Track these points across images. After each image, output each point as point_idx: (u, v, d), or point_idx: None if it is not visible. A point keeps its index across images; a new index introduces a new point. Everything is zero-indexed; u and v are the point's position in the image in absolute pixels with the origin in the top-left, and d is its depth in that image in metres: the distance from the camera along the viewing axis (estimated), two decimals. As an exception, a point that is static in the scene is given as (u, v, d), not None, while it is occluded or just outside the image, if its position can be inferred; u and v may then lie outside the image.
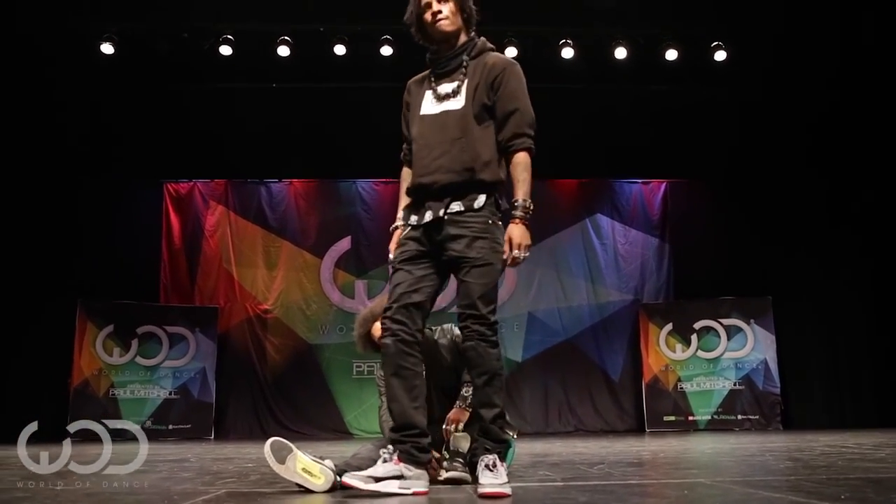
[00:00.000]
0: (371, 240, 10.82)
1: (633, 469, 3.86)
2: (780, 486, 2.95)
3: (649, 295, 10.81)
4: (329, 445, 7.36)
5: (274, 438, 2.98)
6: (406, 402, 2.84)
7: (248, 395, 10.29)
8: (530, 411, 10.39)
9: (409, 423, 2.84)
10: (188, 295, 10.56)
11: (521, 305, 10.73)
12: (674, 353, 10.25)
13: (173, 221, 10.72)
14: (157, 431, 9.65)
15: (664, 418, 10.04)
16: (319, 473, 2.89)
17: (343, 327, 10.57)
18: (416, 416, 2.85)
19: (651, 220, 11.02)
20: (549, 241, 10.87)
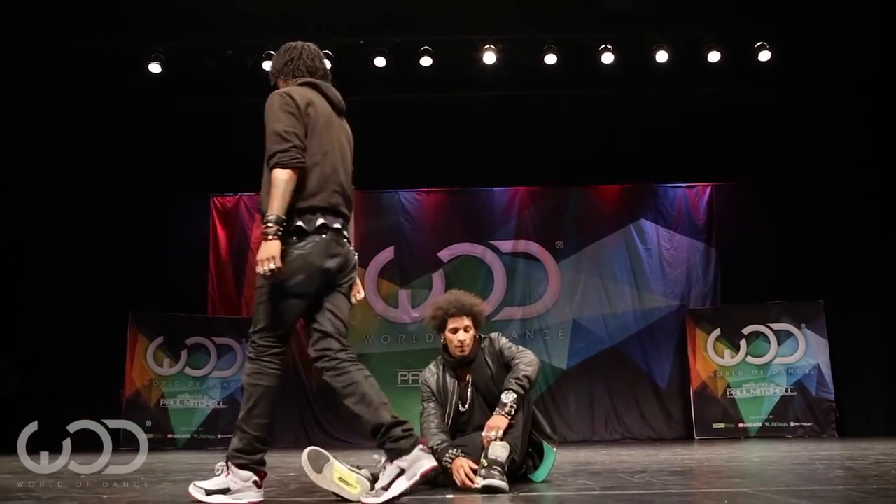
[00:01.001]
0: (414, 249, 10.85)
1: (675, 478, 3.79)
2: (827, 496, 2.87)
3: (696, 300, 10.64)
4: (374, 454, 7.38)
5: (311, 448, 3.01)
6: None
7: (294, 405, 10.38)
8: (576, 420, 10.30)
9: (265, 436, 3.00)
10: (235, 306, 10.71)
11: (566, 313, 10.66)
12: (722, 358, 10.07)
13: (220, 234, 10.89)
14: (207, 441, 9.81)
15: (713, 426, 9.86)
16: (356, 483, 2.91)
17: (387, 337, 10.62)
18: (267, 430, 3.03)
19: (696, 224, 10.86)
20: (593, 248, 10.80)
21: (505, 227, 10.91)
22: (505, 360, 3.64)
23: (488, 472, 3.16)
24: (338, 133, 3.18)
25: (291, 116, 3.00)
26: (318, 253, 2.99)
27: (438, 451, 3.46)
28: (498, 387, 3.52)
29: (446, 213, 11.03)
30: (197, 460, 6.59)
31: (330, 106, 3.20)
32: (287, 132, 2.96)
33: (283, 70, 3.29)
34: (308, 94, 3.13)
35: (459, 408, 3.67)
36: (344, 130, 3.27)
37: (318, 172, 3.04)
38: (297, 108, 3.03)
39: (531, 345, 9.92)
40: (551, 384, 10.40)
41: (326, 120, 3.13)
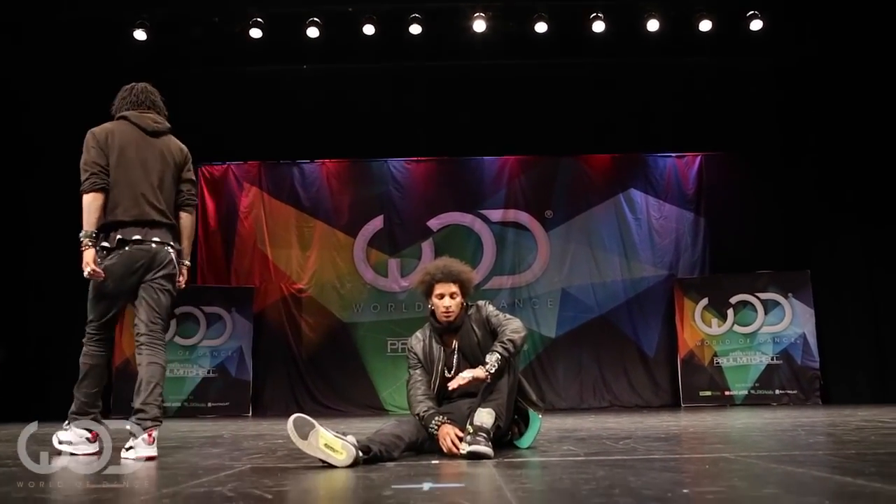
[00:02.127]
0: (403, 218, 10.86)
1: (659, 444, 3.84)
2: (806, 460, 2.92)
3: (684, 270, 10.69)
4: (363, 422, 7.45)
5: (297, 415, 3.02)
6: None
7: (285, 373, 10.44)
8: (564, 388, 10.39)
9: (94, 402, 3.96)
10: (224, 275, 10.72)
11: (555, 282, 10.71)
12: (710, 327, 10.14)
13: (208, 203, 10.86)
14: (197, 409, 9.86)
15: (700, 393, 9.97)
16: (341, 449, 2.93)
17: (377, 305, 10.65)
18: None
19: (686, 194, 10.88)
20: (582, 217, 10.82)
21: (494, 197, 10.91)
22: (492, 327, 3.65)
23: (473, 438, 3.19)
24: (144, 154, 3.89)
25: (92, 150, 3.81)
26: (122, 263, 3.74)
27: (425, 417, 3.50)
28: (484, 353, 3.53)
29: (436, 182, 11.01)
30: (187, 428, 6.63)
31: (141, 131, 3.95)
32: (85, 164, 3.79)
33: (113, 110, 4.12)
34: (113, 126, 3.96)
35: (445, 374, 3.68)
36: (155, 149, 3.96)
37: (119, 191, 3.78)
38: (96, 143, 3.84)
39: (520, 314, 9.97)
40: (540, 353, 10.48)
41: (131, 145, 3.88)
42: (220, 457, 3.54)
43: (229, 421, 8.34)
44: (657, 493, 2.10)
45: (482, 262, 10.66)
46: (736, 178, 10.71)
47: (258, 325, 10.45)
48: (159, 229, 3.85)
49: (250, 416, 9.72)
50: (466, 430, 3.25)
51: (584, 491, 2.16)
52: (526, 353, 10.15)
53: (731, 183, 10.71)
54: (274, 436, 5.21)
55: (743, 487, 2.25)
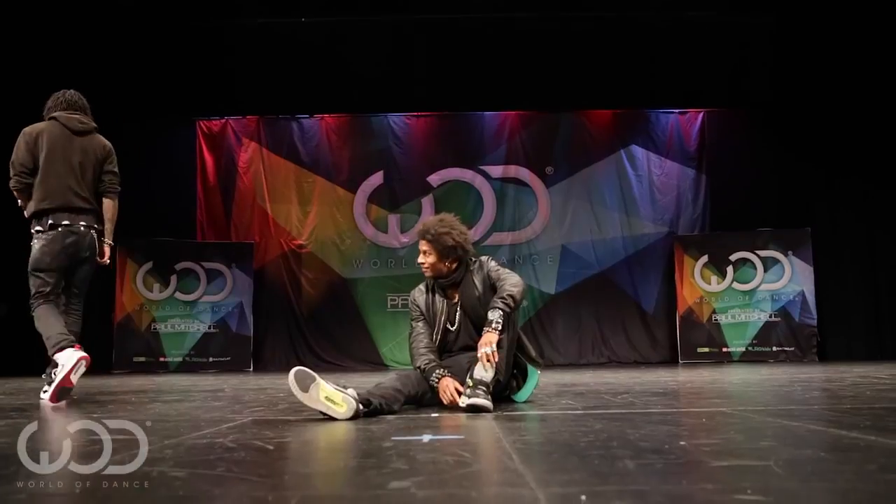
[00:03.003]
0: (403, 174, 10.82)
1: (657, 398, 3.88)
2: (801, 414, 2.94)
3: (685, 227, 10.69)
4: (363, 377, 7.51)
5: (298, 368, 3.04)
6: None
7: (285, 329, 10.51)
8: (563, 344, 10.47)
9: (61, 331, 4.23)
10: (224, 231, 10.72)
11: (555, 238, 10.72)
12: (709, 285, 10.18)
13: (207, 159, 10.82)
14: (198, 364, 9.94)
15: (698, 350, 10.04)
16: (342, 402, 2.95)
17: (377, 261, 10.67)
18: None
19: (687, 150, 10.83)
20: (583, 173, 10.79)
21: (495, 152, 10.86)
22: (491, 281, 3.66)
23: (473, 391, 3.22)
24: (70, 150, 4.52)
25: (21, 151, 4.47)
26: (54, 241, 4.39)
27: (426, 370, 3.52)
28: (484, 308, 3.53)
29: (436, 137, 10.95)
30: (188, 382, 6.69)
31: (69, 131, 4.56)
32: (13, 163, 4.48)
33: (45, 112, 4.67)
34: (43, 126, 4.55)
35: (448, 327, 3.70)
36: (80, 146, 4.58)
37: (49, 182, 4.43)
38: (26, 143, 4.48)
39: (520, 270, 9.99)
40: (539, 309, 10.53)
41: (59, 142, 4.50)
42: (222, 410, 3.58)
43: (230, 375, 8.40)
44: (655, 445, 2.12)
45: (482, 219, 10.65)
46: (738, 135, 10.65)
47: (258, 281, 10.48)
48: (84, 215, 4.51)
49: (251, 371, 9.80)
50: (466, 384, 3.28)
51: (582, 443, 2.19)
52: (525, 310, 10.20)
53: (733, 140, 10.65)
54: (275, 390, 5.25)
55: (740, 440, 2.27)
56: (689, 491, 1.53)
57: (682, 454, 1.98)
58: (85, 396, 4.71)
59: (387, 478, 1.68)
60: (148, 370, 9.65)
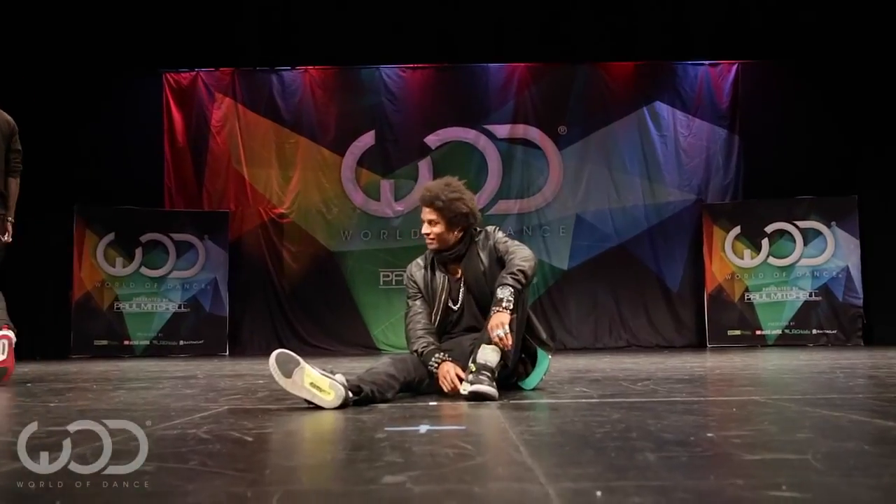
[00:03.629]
0: (398, 134, 10.80)
1: (682, 386, 3.90)
2: (844, 404, 2.96)
3: (714, 194, 10.68)
4: (353, 361, 7.54)
5: (280, 351, 3.05)
6: None
7: (265, 308, 10.55)
8: (577, 325, 10.51)
9: None
10: (195, 199, 10.71)
11: (568, 206, 10.71)
12: (741, 259, 10.19)
13: (175, 117, 10.77)
14: (167, 348, 9.99)
15: (728, 333, 10.08)
16: (329, 388, 2.96)
17: (368, 233, 10.68)
18: None
19: (718, 108, 10.78)
20: (601, 134, 10.76)
21: (501, 110, 10.82)
22: (499, 254, 3.65)
23: (476, 377, 3.23)
24: None
25: None
26: None
27: (424, 354, 3.53)
28: (490, 285, 3.53)
29: (435, 92, 10.91)
30: (156, 368, 6.72)
31: None
32: None
33: None
34: None
35: (450, 306, 3.71)
36: None
37: None
38: None
39: (529, 242, 9.93)
40: (550, 286, 10.55)
41: None
42: (195, 398, 3.60)
43: (204, 360, 8.44)
44: (679, 436, 2.14)
45: (486, 184, 10.64)
46: (776, 91, 10.59)
47: (234, 255, 10.49)
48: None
49: (227, 356, 9.85)
50: (469, 369, 3.29)
51: (597, 434, 2.20)
52: (535, 287, 10.21)
53: (770, 96, 10.60)
54: (254, 376, 5.27)
55: (774, 431, 2.29)
56: (718, 487, 1.54)
57: (710, 447, 1.99)
58: (39, 384, 4.74)
59: (379, 472, 1.69)
60: (111, 355, 9.68)
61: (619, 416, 2.62)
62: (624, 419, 2.52)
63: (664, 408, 2.87)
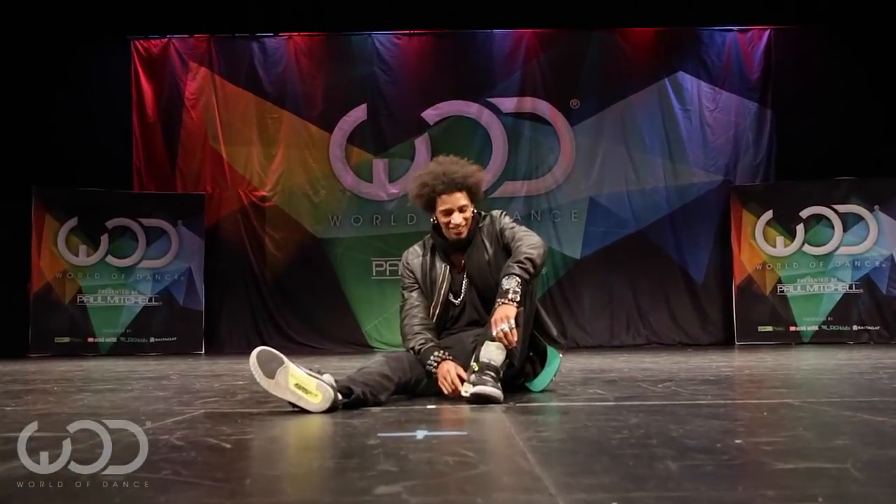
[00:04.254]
0: (392, 108, 10.79)
1: (707, 387, 3.90)
2: (886, 408, 2.96)
3: (744, 175, 10.68)
4: (342, 360, 7.55)
5: (262, 348, 3.04)
6: None
7: (245, 302, 10.55)
8: (591, 320, 10.52)
9: None
10: (167, 180, 10.70)
11: (581, 189, 10.71)
12: (774, 247, 10.18)
13: (145, 88, 10.75)
14: (137, 345, 10.00)
15: (759, 329, 10.09)
16: (316, 390, 2.96)
17: (359, 217, 10.67)
18: None
19: (748, 78, 10.77)
20: (617, 108, 10.75)
21: (507, 81, 10.81)
22: (504, 241, 3.64)
23: (479, 377, 3.22)
24: None
25: None
26: None
27: (421, 352, 3.53)
28: (494, 275, 3.53)
29: (433, 61, 10.89)
30: (124, 368, 6.73)
31: None
32: None
33: None
34: None
35: (451, 300, 3.70)
36: None
37: None
38: None
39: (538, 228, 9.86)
40: (561, 277, 10.56)
41: None
42: (167, 401, 3.61)
43: (177, 359, 8.45)
44: (703, 443, 2.14)
45: (491, 164, 10.62)
46: (813, 59, 10.57)
47: (211, 242, 10.49)
48: None
49: (203, 354, 9.86)
50: (471, 368, 3.29)
51: (613, 440, 2.21)
52: (544, 278, 10.22)
53: (806, 65, 10.57)
54: (233, 376, 5.29)
55: (809, 437, 2.29)
56: (746, 498, 1.55)
57: (738, 454, 2.00)
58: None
59: (372, 482, 1.69)
60: (74, 353, 9.69)
61: (637, 420, 2.62)
62: (643, 424, 2.53)
63: (687, 412, 2.87)
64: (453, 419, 2.86)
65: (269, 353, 3.01)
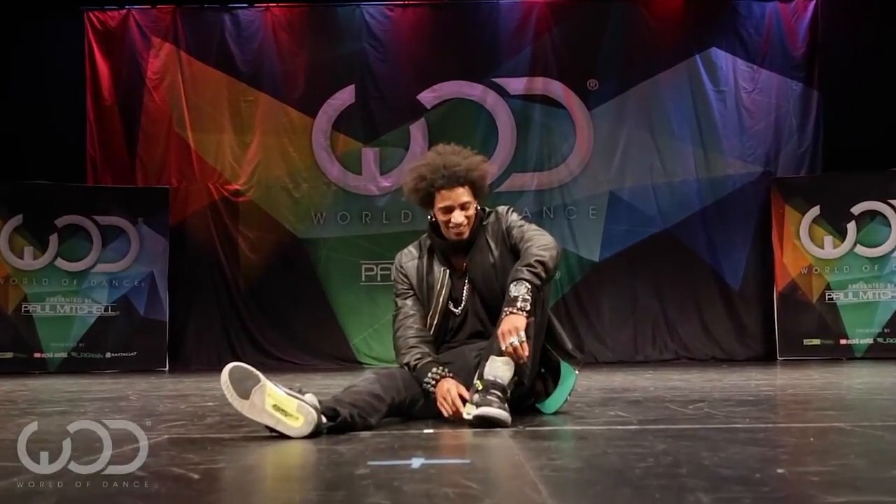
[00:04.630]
0: (384, 90, 10.79)
1: (745, 409, 3.90)
2: (950, 431, 2.97)
3: (787, 165, 10.67)
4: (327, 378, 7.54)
5: (235, 364, 3.03)
6: None
7: (215, 311, 10.55)
8: (612, 332, 10.52)
9: None
10: (126, 171, 10.70)
11: (600, 181, 10.72)
12: (821, 248, 10.17)
13: (101, 67, 10.74)
14: (91, 361, 9.97)
15: (804, 342, 10.07)
16: (297, 412, 2.96)
17: (346, 214, 10.67)
18: None
19: (792, 55, 10.76)
20: (641, 89, 10.75)
21: (515, 59, 10.82)
22: (512, 241, 3.63)
23: (483, 397, 3.21)
24: None
25: None
26: None
27: (417, 368, 3.51)
28: (500, 281, 3.52)
29: (430, 36, 10.91)
30: (76, 387, 6.73)
31: None
32: None
33: None
34: None
35: (451, 308, 3.69)
36: None
37: None
38: None
39: (550, 227, 9.96)
40: (578, 283, 10.56)
41: None
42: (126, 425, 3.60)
43: (137, 377, 8.45)
44: (741, 472, 2.14)
45: (496, 154, 10.62)
46: (866, 33, 10.56)
47: (177, 243, 10.49)
48: None
49: (167, 372, 9.85)
50: (474, 387, 3.28)
51: (637, 469, 2.20)
52: (558, 284, 10.21)
53: (858, 39, 10.57)
54: (201, 397, 5.28)
55: (862, 466, 2.29)
56: (790, 536, 1.55)
57: (781, 485, 1.99)
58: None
59: (361, 517, 1.70)
60: (17, 371, 9.64)
61: (664, 446, 2.62)
62: (671, 451, 2.53)
63: (722, 437, 2.87)
64: (454, 445, 2.86)
65: (244, 371, 3.01)
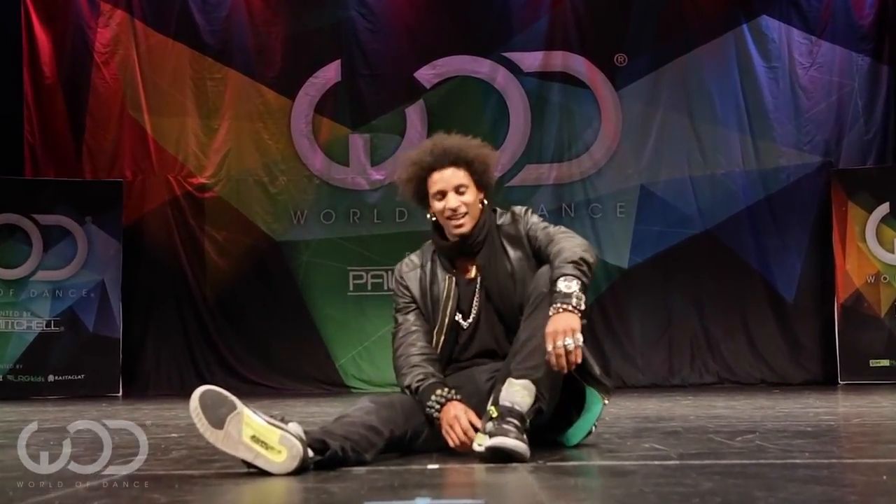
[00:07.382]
0: (375, 66, 10.80)
1: (802, 442, 3.91)
2: None
3: (851, 155, 10.66)
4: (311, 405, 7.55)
5: (207, 388, 3.01)
6: None
7: (178, 326, 10.55)
8: (644, 352, 10.52)
9: None
10: (71, 162, 10.71)
11: (629, 174, 10.73)
12: (892, 253, 10.18)
13: (40, 38, 10.72)
14: (31, 386, 9.97)
15: (871, 363, 10.07)
16: (279, 444, 2.95)
17: (332, 213, 10.67)
18: None
19: (857, 26, 10.75)
20: (678, 65, 10.77)
21: (529, 31, 10.84)
22: (536, 245, 3.61)
23: (498, 426, 3.19)
24: None
25: None
26: None
27: (420, 391, 3.50)
28: (519, 292, 3.51)
29: (430, 4, 10.93)
30: (13, 416, 6.74)
31: None
32: None
33: None
34: None
35: (458, 321, 3.67)
36: None
37: None
38: None
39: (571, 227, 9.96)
40: (603, 293, 10.55)
41: None
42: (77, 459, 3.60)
43: (86, 404, 8.46)
44: (801, 515, 2.16)
45: (507, 141, 10.64)
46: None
47: (131, 247, 10.51)
48: None
49: (120, 397, 9.85)
50: (487, 414, 3.28)
51: (680, 512, 2.22)
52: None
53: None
54: (164, 427, 5.29)
55: (942, 508, 2.32)
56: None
57: (848, 530, 2.01)
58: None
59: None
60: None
61: (711, 485, 2.63)
62: (718, 490, 2.54)
63: (778, 474, 2.89)
64: (464, 483, 2.87)
65: (217, 396, 2.99)
